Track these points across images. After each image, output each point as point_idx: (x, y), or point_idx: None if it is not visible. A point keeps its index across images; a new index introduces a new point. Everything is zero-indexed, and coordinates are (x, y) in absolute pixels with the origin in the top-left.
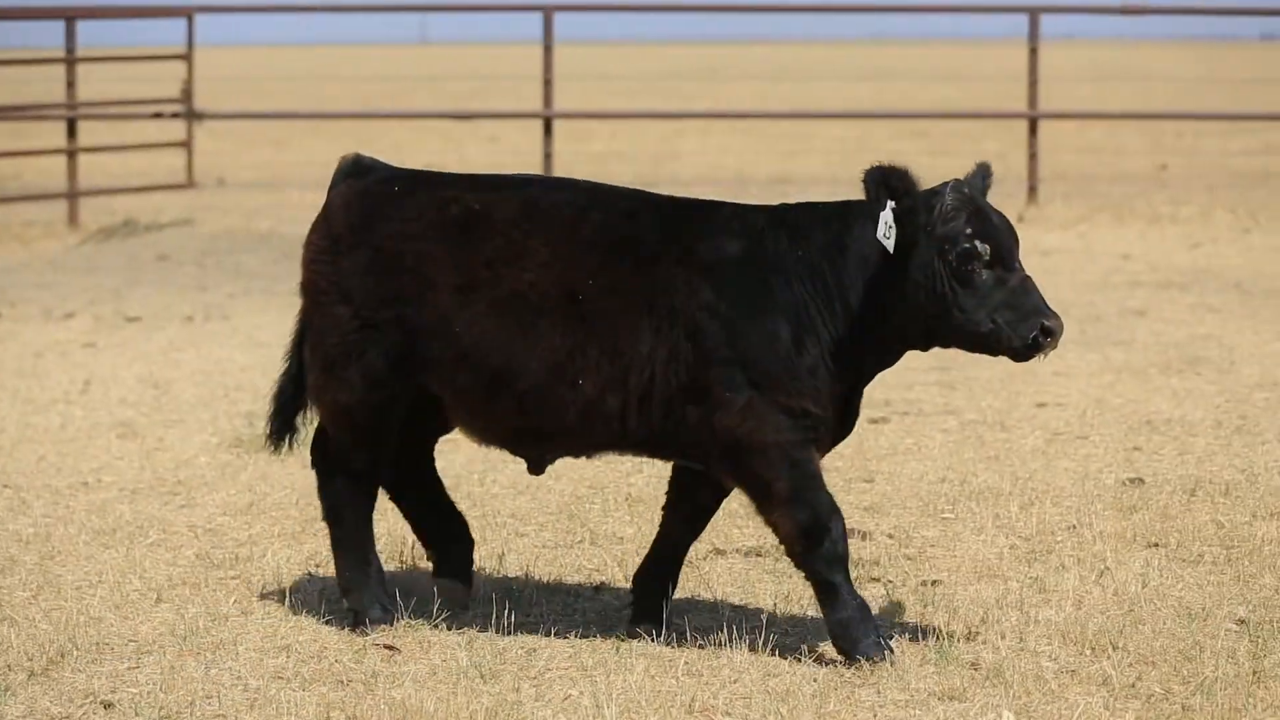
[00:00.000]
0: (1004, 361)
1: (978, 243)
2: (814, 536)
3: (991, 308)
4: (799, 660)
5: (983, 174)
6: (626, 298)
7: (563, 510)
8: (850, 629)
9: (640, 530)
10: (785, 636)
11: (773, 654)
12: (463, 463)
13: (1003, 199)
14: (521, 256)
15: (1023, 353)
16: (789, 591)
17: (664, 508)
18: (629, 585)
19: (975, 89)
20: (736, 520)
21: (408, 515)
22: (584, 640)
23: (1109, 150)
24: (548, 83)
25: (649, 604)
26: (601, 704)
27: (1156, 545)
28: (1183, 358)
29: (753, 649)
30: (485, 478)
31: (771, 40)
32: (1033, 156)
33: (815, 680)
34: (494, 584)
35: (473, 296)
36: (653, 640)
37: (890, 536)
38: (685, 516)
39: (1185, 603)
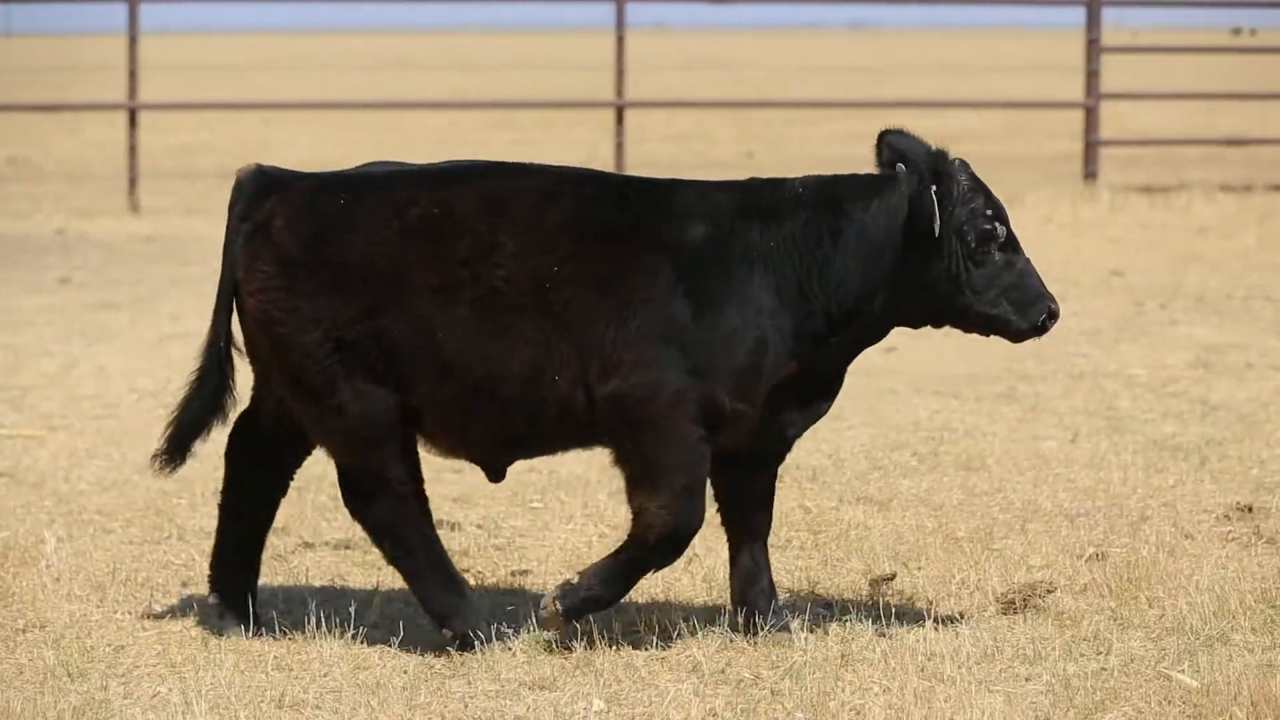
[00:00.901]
0: None
1: (997, 224)
2: (674, 539)
3: (1000, 289)
4: (390, 653)
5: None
6: (590, 285)
7: (150, 506)
8: (589, 606)
9: None
10: (375, 629)
11: (363, 647)
12: (48, 459)
13: None
14: (492, 251)
15: (1027, 334)
16: (379, 583)
17: (723, 521)
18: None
19: (563, 78)
20: (325, 514)
21: (222, 535)
22: (172, 637)
23: (697, 138)
24: (132, 74)
25: (764, 618)
26: (191, 700)
27: None
28: None
29: (343, 642)
30: (71, 474)
31: (361, 30)
32: (620, 145)
33: (405, 672)
34: (81, 582)
35: (451, 301)
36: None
37: (479, 527)
38: (748, 524)
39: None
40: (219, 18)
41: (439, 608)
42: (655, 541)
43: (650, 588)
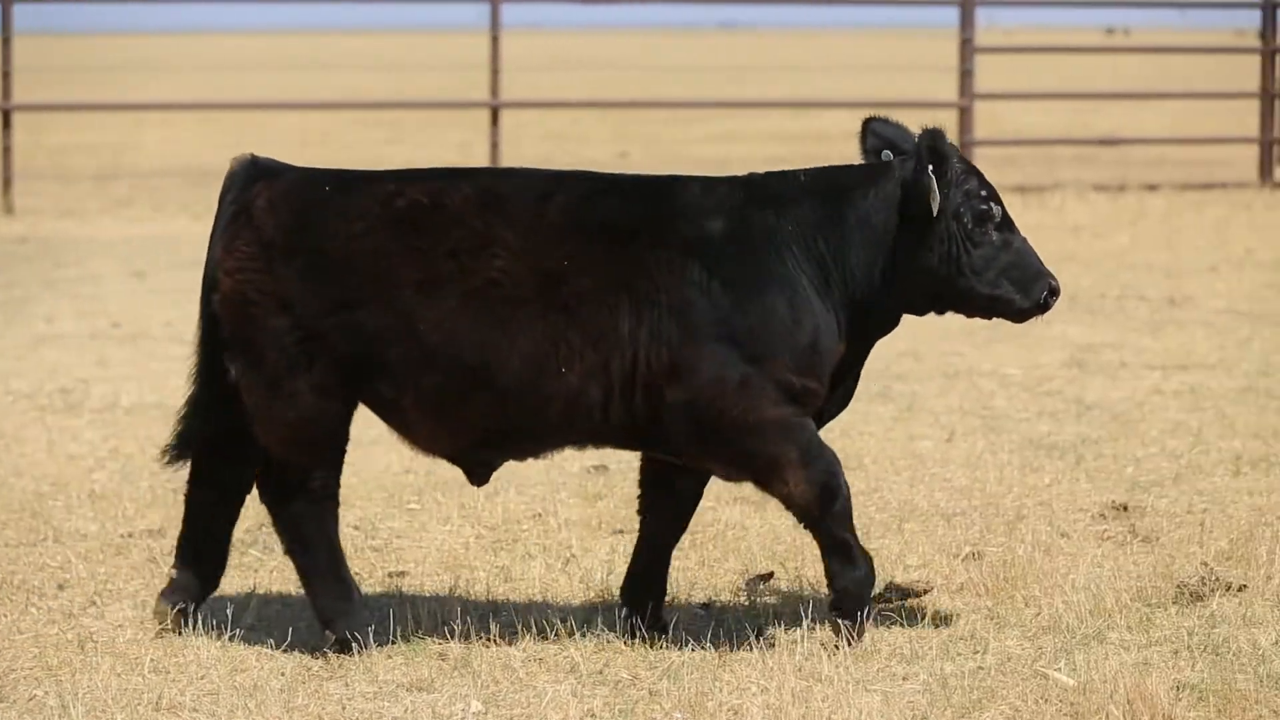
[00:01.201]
0: None
1: (992, 204)
2: (831, 494)
3: (1000, 269)
4: (267, 655)
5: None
6: (606, 279)
7: (25, 508)
8: (861, 589)
9: (104, 527)
10: (253, 631)
11: (240, 649)
12: None
13: None
14: (489, 244)
15: (1030, 313)
16: (255, 585)
17: (640, 510)
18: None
19: (438, 78)
20: None
21: (189, 527)
22: (49, 640)
23: (571, 138)
24: (6, 75)
25: (643, 618)
26: (68, 704)
27: (621, 532)
28: None
29: (220, 644)
30: None
31: (236, 31)
32: (495, 145)
33: (283, 674)
34: None
35: (439, 292)
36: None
37: (356, 528)
38: (669, 515)
39: None
40: (93, 19)
41: (325, 609)
42: (821, 510)
43: (527, 588)
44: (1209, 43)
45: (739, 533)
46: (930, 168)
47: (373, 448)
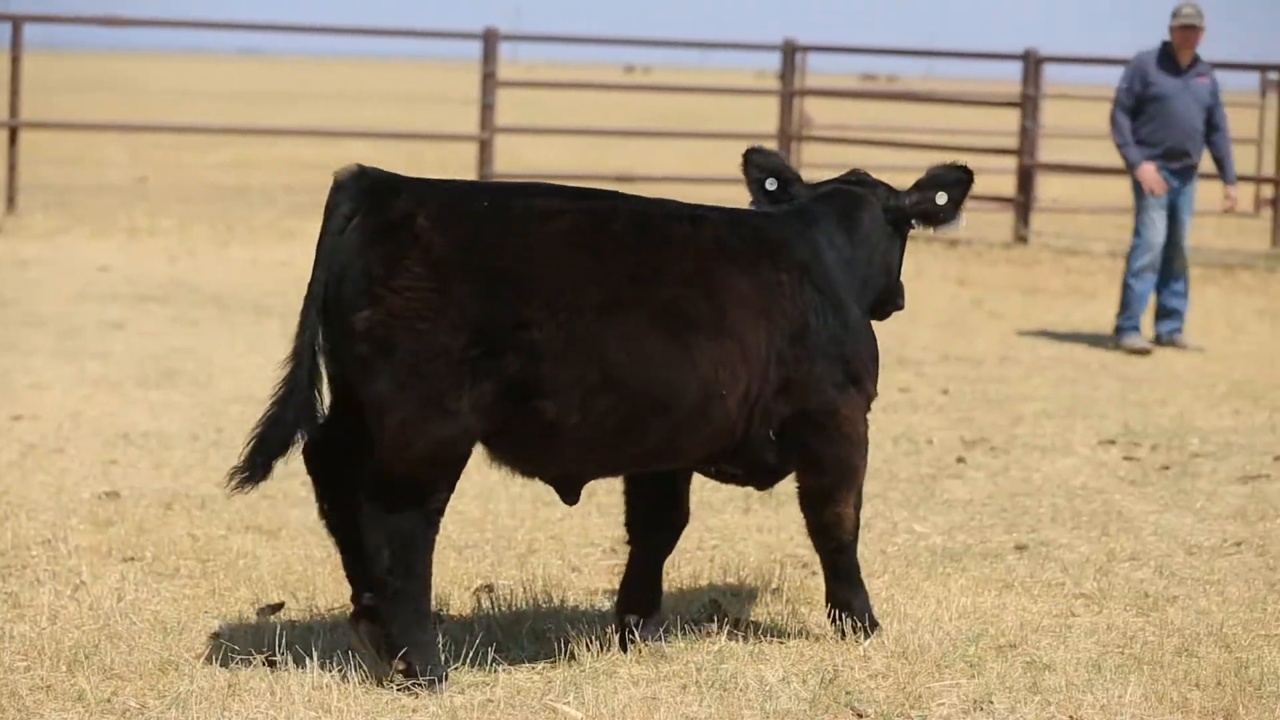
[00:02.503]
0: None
1: None
2: (858, 525)
3: None
4: None
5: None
6: (750, 306)
7: None
8: (866, 607)
9: None
10: None
11: None
12: None
13: None
14: (662, 270)
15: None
16: None
17: (631, 530)
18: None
19: None
20: None
21: (342, 551)
22: None
23: (89, 161)
24: None
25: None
26: None
27: (133, 559)
28: (160, 371)
29: None
30: None
31: None
32: (13, 167)
33: None
34: None
35: (622, 313)
36: None
37: None
38: (657, 538)
39: (161, 616)
40: None
41: (402, 636)
42: (850, 537)
43: (35, 615)
44: (729, 84)
45: (250, 561)
46: (944, 197)
47: None
